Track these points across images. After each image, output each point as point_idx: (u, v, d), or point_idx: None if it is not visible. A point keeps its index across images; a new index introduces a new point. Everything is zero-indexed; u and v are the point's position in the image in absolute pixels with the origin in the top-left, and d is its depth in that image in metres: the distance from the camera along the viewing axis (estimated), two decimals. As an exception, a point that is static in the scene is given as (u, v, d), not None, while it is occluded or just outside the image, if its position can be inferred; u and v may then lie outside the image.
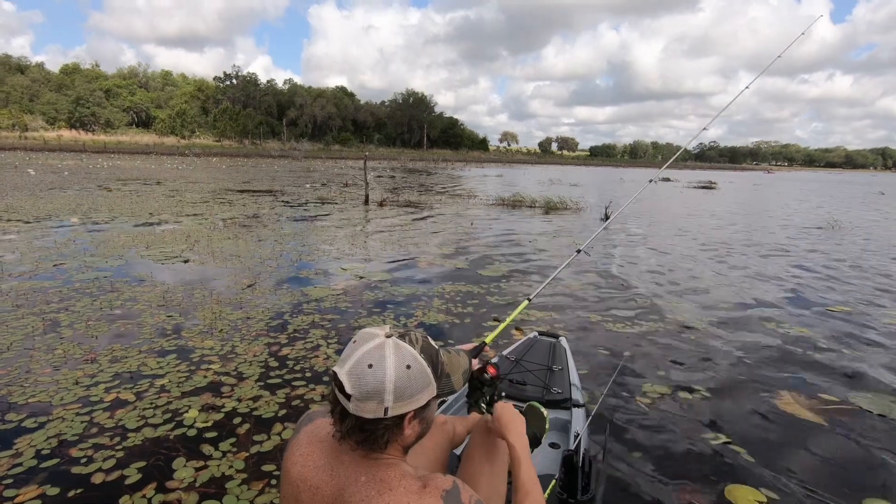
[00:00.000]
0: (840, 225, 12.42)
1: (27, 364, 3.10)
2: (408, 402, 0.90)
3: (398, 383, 0.88)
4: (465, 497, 0.90)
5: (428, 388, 0.93)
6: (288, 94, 78.89)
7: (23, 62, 69.41)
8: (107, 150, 45.27)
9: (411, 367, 0.90)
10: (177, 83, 78.53)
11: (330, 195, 15.52)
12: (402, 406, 0.89)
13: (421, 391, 0.91)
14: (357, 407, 0.88)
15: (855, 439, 2.63)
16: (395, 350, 0.90)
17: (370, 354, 0.89)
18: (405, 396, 0.89)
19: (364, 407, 0.88)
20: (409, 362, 0.90)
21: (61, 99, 59.76)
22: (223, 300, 4.53)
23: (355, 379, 0.87)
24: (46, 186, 14.63)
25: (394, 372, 0.88)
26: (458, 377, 1.06)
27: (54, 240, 6.95)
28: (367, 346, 0.90)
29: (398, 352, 0.90)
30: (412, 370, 0.90)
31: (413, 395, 0.90)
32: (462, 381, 1.08)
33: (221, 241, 7.36)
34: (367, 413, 0.88)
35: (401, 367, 0.89)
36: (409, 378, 0.89)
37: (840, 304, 5.26)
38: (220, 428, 2.50)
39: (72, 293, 4.55)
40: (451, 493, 0.89)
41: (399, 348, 0.90)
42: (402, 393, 0.88)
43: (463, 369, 1.10)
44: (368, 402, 0.87)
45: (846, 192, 32.68)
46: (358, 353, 0.90)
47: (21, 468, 2.13)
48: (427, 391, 0.93)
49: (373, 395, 0.87)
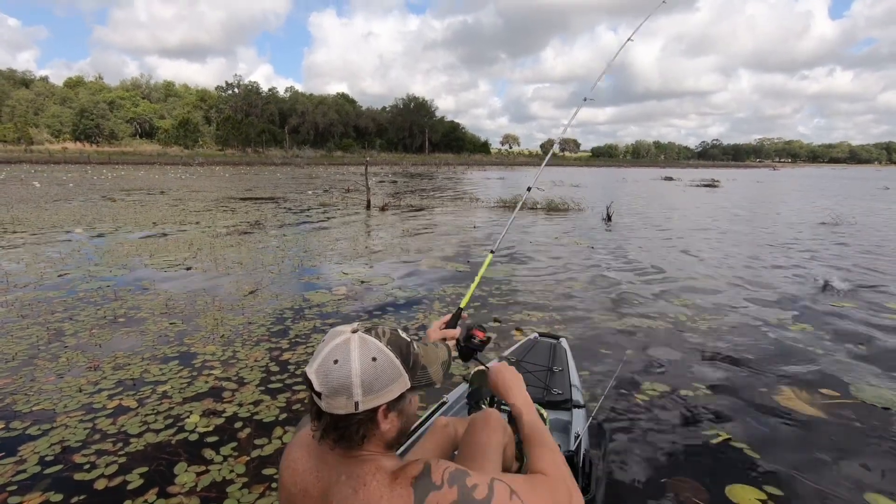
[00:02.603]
0: (845, 219, 12.35)
1: (31, 373, 3.13)
2: (378, 396, 0.90)
3: (365, 377, 0.88)
4: (436, 476, 0.89)
5: (398, 380, 0.92)
6: (290, 101, 79.35)
7: (27, 76, 70.25)
8: (111, 162, 45.64)
9: (377, 360, 0.90)
10: (179, 93, 79.18)
11: (332, 201, 15.57)
12: (373, 399, 0.89)
13: (390, 383, 0.91)
14: (328, 404, 0.89)
15: (858, 434, 2.61)
16: (360, 344, 0.90)
17: (336, 350, 0.90)
18: (374, 389, 0.89)
19: (334, 403, 0.88)
20: (375, 355, 0.90)
21: (65, 112, 60.36)
22: (225, 306, 4.56)
23: (322, 376, 0.89)
24: (51, 198, 14.77)
25: (359, 365, 0.88)
26: (437, 368, 1.04)
27: (59, 250, 7.02)
28: (334, 343, 0.92)
29: (363, 345, 0.90)
30: (378, 362, 0.90)
31: (382, 387, 0.90)
32: (441, 371, 1.06)
33: (224, 248, 7.41)
34: (338, 409, 0.89)
35: (366, 361, 0.89)
36: (375, 370, 0.89)
37: (842, 298, 5.24)
38: (222, 433, 2.52)
39: (76, 302, 4.59)
40: (421, 477, 0.89)
41: (364, 342, 0.91)
42: (370, 386, 0.89)
43: (441, 360, 1.08)
44: (337, 397, 0.88)
45: (850, 186, 32.48)
46: (325, 351, 0.91)
47: (25, 475, 2.16)
48: (398, 383, 0.92)
49: (340, 390, 0.88)
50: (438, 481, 0.89)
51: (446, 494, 0.87)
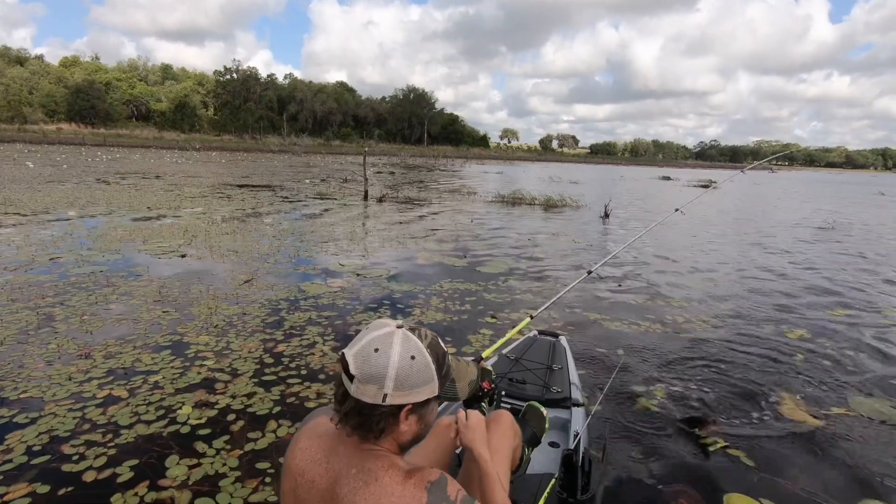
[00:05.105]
0: (842, 224, 12.39)
1: (20, 359, 3.07)
2: (407, 394, 0.91)
3: (400, 371, 0.90)
4: (451, 490, 0.90)
5: (430, 384, 0.94)
6: (288, 88, 78.51)
7: (22, 54, 69.07)
8: (106, 144, 45.06)
9: (416, 359, 0.92)
10: (177, 77, 78.24)
11: (329, 191, 15.47)
12: (401, 396, 0.91)
13: (422, 385, 0.92)
14: (358, 389, 0.90)
15: (858, 446, 2.60)
16: (402, 340, 0.92)
17: (378, 340, 0.92)
18: (405, 387, 0.90)
19: (364, 390, 0.90)
20: (415, 353, 0.92)
21: (60, 91, 59.49)
22: (219, 296, 4.50)
23: (360, 361, 0.90)
24: (44, 179, 14.57)
25: (398, 359, 0.90)
26: (464, 385, 1.07)
27: (51, 233, 6.92)
28: (378, 333, 0.93)
29: (406, 342, 0.92)
30: (416, 362, 0.92)
31: (413, 387, 0.91)
32: (468, 390, 1.09)
33: (219, 236, 7.33)
34: (366, 397, 0.90)
35: (405, 357, 0.91)
36: (411, 368, 0.91)
37: (841, 306, 5.25)
38: (214, 425, 2.48)
39: (67, 287, 4.52)
40: (437, 484, 0.90)
41: (407, 339, 0.93)
42: (402, 382, 0.90)
43: (470, 379, 1.10)
44: (369, 385, 0.89)
45: (847, 192, 32.65)
46: (367, 338, 0.93)
47: (11, 465, 2.11)
48: (428, 387, 0.94)
49: (374, 378, 0.89)
50: (453, 496, 0.90)
51: None
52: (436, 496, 0.88)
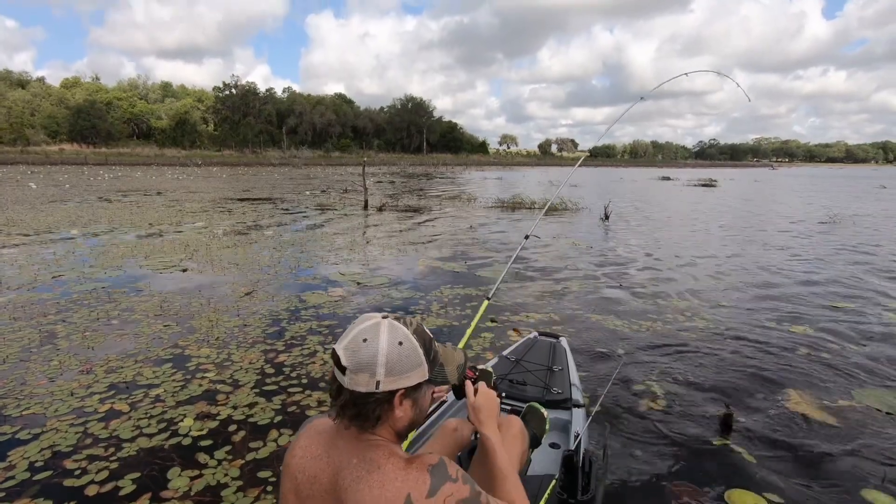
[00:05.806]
0: (844, 218, 12.36)
1: (23, 376, 3.09)
2: (398, 379, 0.94)
3: (390, 357, 0.93)
4: (451, 471, 0.93)
5: (419, 367, 0.97)
6: (287, 102, 79.08)
7: (23, 77, 69.88)
8: (108, 163, 45.46)
9: (403, 344, 0.95)
10: (177, 94, 78.92)
11: (329, 201, 15.53)
12: (393, 381, 0.94)
13: (412, 370, 0.96)
14: (351, 380, 0.93)
15: (862, 438, 2.58)
16: (389, 328, 0.96)
17: (366, 330, 0.95)
18: (396, 372, 0.94)
19: (357, 379, 0.93)
20: (402, 339, 0.95)
21: (62, 112, 60.06)
22: (220, 308, 4.52)
23: (350, 352, 0.94)
24: (47, 199, 14.69)
25: (386, 346, 0.93)
26: (453, 369, 1.09)
27: (54, 252, 6.96)
28: (365, 324, 0.97)
29: (392, 330, 0.96)
30: (404, 347, 0.95)
31: (404, 371, 0.95)
32: (457, 374, 1.11)
33: (220, 249, 7.36)
34: (360, 386, 0.93)
35: (393, 343, 0.94)
36: (400, 354, 0.94)
37: (846, 299, 5.22)
38: (216, 436, 2.48)
39: (70, 304, 4.54)
40: (438, 466, 0.92)
41: (394, 327, 0.97)
42: (393, 367, 0.93)
43: (458, 363, 1.12)
44: (361, 374, 0.93)
45: (848, 186, 32.57)
46: (355, 330, 0.97)
47: (13, 481, 2.12)
48: (418, 371, 0.97)
49: (365, 367, 0.92)
50: (454, 475, 0.93)
51: (460, 488, 0.92)
52: (438, 477, 0.91)
